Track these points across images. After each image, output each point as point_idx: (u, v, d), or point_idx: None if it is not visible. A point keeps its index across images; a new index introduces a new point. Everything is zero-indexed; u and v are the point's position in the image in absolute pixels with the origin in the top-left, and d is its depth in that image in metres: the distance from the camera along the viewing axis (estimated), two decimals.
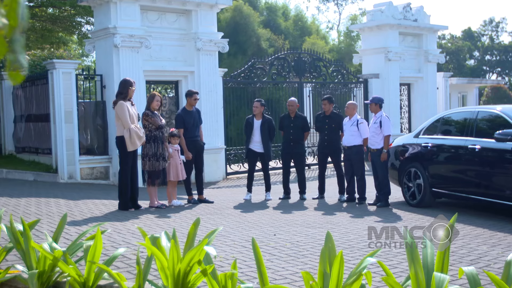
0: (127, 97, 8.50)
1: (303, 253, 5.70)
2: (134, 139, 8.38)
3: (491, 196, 7.83)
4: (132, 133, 8.34)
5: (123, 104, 8.38)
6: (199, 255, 3.56)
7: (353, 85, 17.89)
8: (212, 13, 13.79)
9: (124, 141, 8.38)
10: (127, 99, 8.52)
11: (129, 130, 8.33)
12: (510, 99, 29.46)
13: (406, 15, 18.28)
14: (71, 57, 24.59)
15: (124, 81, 8.67)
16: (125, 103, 8.41)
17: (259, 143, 10.37)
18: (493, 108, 8.54)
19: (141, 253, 5.16)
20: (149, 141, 8.84)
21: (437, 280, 2.85)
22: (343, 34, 42.53)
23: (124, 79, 8.85)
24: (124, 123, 8.36)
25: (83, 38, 20.11)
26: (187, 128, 9.64)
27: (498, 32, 57.48)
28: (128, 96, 8.52)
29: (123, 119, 8.34)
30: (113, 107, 8.67)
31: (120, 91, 8.56)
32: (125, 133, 8.35)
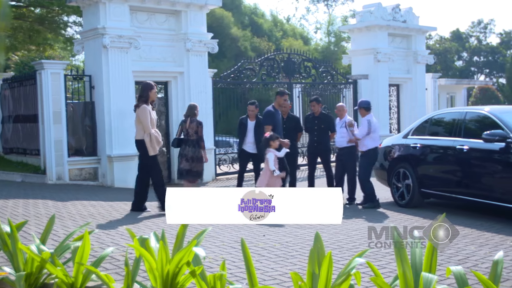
0: (148, 100, 8.40)
1: (292, 254, 5.71)
2: (154, 144, 8.34)
3: (479, 197, 7.88)
4: (152, 137, 8.30)
5: (146, 108, 8.30)
6: (188, 256, 3.56)
7: (343, 86, 17.93)
8: (202, 14, 13.76)
9: (144, 145, 8.32)
10: (149, 102, 8.42)
11: (150, 134, 8.27)
12: (498, 100, 29.68)
13: (395, 16, 18.35)
14: (60, 57, 24.46)
15: (145, 84, 8.58)
16: (148, 107, 8.34)
17: (252, 144, 10.39)
18: (481, 109, 8.60)
19: (130, 254, 5.15)
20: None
21: (425, 280, 2.86)
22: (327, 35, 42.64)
23: (145, 82, 8.78)
24: (145, 128, 8.28)
25: (71, 39, 20.00)
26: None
27: (486, 34, 57.91)
28: (149, 99, 8.42)
29: (145, 124, 8.26)
30: (134, 111, 8.60)
31: (140, 94, 8.48)
32: (146, 137, 8.28)
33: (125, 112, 12.33)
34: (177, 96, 13.52)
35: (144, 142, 8.31)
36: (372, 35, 17.88)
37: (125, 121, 12.32)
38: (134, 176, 12.36)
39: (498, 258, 3.17)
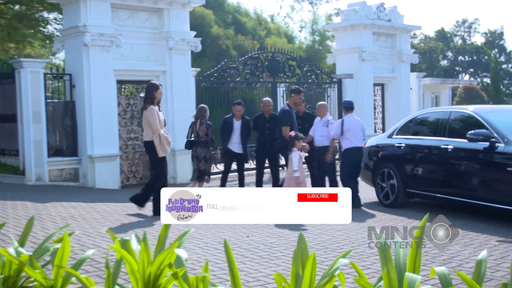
0: (154, 101, 8.34)
1: (276, 255, 5.71)
2: (164, 145, 8.27)
3: (464, 196, 7.94)
4: (162, 138, 8.23)
5: (154, 109, 8.24)
6: (170, 258, 3.54)
7: (327, 85, 17.99)
8: (185, 12, 13.73)
9: (153, 146, 8.25)
10: (155, 103, 8.36)
11: (159, 135, 8.21)
12: (482, 100, 29.97)
13: (380, 15, 18.45)
14: (39, 55, 24.23)
15: (150, 85, 8.51)
16: (155, 107, 8.29)
17: (238, 144, 10.41)
18: (465, 109, 8.68)
19: (111, 257, 5.11)
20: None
21: (408, 280, 2.88)
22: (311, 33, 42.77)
23: (150, 83, 8.71)
24: (154, 129, 8.21)
25: (51, 36, 19.83)
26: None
27: (471, 33, 58.47)
28: (156, 100, 8.35)
29: (153, 125, 8.20)
30: (140, 113, 8.53)
31: (146, 95, 8.41)
32: (155, 138, 8.21)
33: (107, 111, 12.26)
34: None
35: (153, 144, 8.24)
36: (357, 34, 17.96)
37: (106, 121, 12.26)
38: (115, 176, 12.40)
39: (481, 258, 3.20)
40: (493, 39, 56.60)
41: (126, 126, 13.15)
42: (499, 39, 56.68)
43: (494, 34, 56.96)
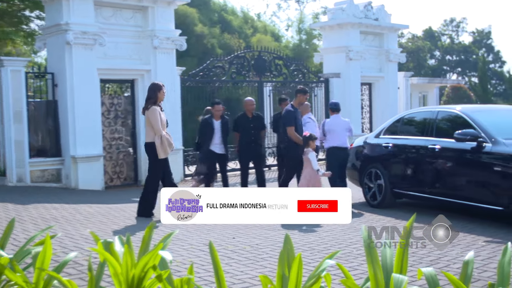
0: (157, 101, 8.28)
1: (263, 256, 5.72)
2: (166, 146, 8.20)
3: (451, 196, 8.00)
4: (163, 139, 8.16)
5: (156, 110, 8.18)
6: (154, 260, 3.52)
7: (314, 84, 18.02)
8: (170, 10, 13.69)
9: (154, 148, 8.18)
10: (158, 103, 8.31)
11: (161, 137, 8.14)
12: (470, 99, 30.19)
13: (367, 14, 18.52)
14: (21, 53, 24.02)
15: (153, 85, 8.45)
16: (157, 108, 8.24)
17: (220, 144, 10.38)
18: (453, 108, 8.74)
19: (94, 259, 5.09)
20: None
21: (395, 281, 2.90)
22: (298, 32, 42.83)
23: (153, 83, 8.66)
24: (155, 130, 8.16)
25: (33, 34, 19.68)
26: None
27: (459, 32, 58.93)
28: (158, 100, 8.30)
29: (155, 125, 8.14)
30: (142, 113, 8.47)
31: (149, 96, 8.34)
32: (156, 140, 8.14)
33: (90, 111, 12.20)
34: (144, 94, 13.23)
35: (153, 145, 8.17)
36: (344, 32, 18.02)
37: (89, 121, 12.19)
38: (99, 177, 12.33)
39: (468, 259, 3.22)
40: (480, 38, 57.07)
41: (109, 126, 13.09)
42: (486, 38, 57.18)
43: (482, 34, 57.45)
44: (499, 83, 52.91)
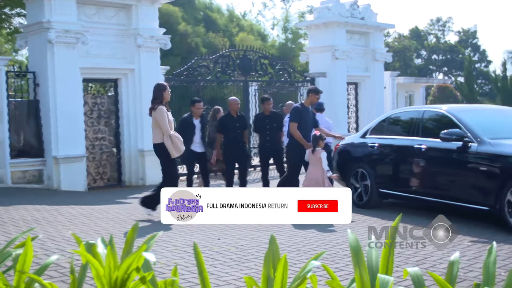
0: (163, 101, 8.26)
1: (248, 257, 5.72)
2: (177, 144, 8.19)
3: (437, 196, 8.06)
4: (173, 138, 8.16)
5: (163, 109, 8.17)
6: (137, 262, 3.51)
7: (300, 84, 18.06)
8: (154, 8, 13.64)
9: (165, 148, 8.16)
10: (164, 103, 8.29)
11: (170, 136, 8.14)
12: (456, 99, 30.41)
13: (353, 13, 18.59)
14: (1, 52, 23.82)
15: (158, 85, 8.45)
16: (164, 108, 8.23)
17: (199, 143, 10.35)
18: (439, 108, 8.80)
19: (77, 261, 5.05)
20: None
21: (381, 282, 2.91)
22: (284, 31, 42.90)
23: (158, 83, 8.66)
24: (163, 130, 8.14)
25: (14, 32, 19.51)
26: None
27: (445, 32, 59.40)
28: (164, 100, 8.29)
29: (163, 126, 8.12)
30: (149, 114, 8.43)
31: (154, 96, 8.31)
32: (166, 140, 8.13)
33: (72, 111, 12.11)
34: (127, 94, 13.36)
35: (163, 145, 8.16)
36: (330, 32, 18.07)
37: (72, 121, 12.11)
38: (82, 178, 12.25)
39: (454, 259, 3.25)
40: (466, 37, 57.57)
41: (92, 126, 13.01)
42: (472, 37, 57.68)
43: (468, 33, 57.95)
44: (485, 82, 53.38)
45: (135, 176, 13.41)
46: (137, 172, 13.40)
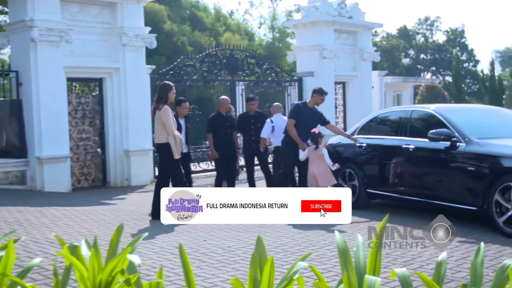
0: (167, 101, 8.28)
1: (235, 259, 5.71)
2: (179, 146, 8.23)
3: (425, 197, 8.10)
4: (177, 139, 8.18)
5: (168, 109, 8.18)
6: (122, 264, 3.49)
7: (288, 83, 18.08)
8: (139, 7, 13.60)
9: (169, 148, 8.16)
10: (168, 103, 8.30)
11: (174, 137, 8.15)
12: (444, 98, 30.64)
13: (341, 11, 18.64)
14: None
15: (163, 85, 8.45)
16: (169, 108, 8.25)
17: (184, 143, 10.29)
18: (427, 108, 8.85)
19: (60, 263, 5.02)
20: None
21: (368, 283, 2.91)
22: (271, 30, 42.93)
23: (163, 83, 8.66)
24: (168, 130, 8.15)
25: None
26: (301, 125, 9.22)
27: (433, 31, 59.77)
28: (169, 100, 8.31)
29: (168, 125, 8.13)
30: (152, 113, 8.43)
31: (159, 95, 8.31)
32: (171, 140, 8.14)
33: (56, 110, 12.05)
34: (112, 93, 13.31)
35: (168, 145, 8.15)
36: (318, 31, 18.10)
37: (56, 121, 12.04)
38: (66, 179, 12.18)
39: (441, 259, 3.26)
40: (454, 37, 57.97)
41: (77, 126, 12.95)
42: (460, 37, 58.08)
43: (456, 32, 58.35)
44: (473, 82, 53.83)
45: (120, 176, 13.36)
46: (122, 172, 13.36)
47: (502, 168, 6.98)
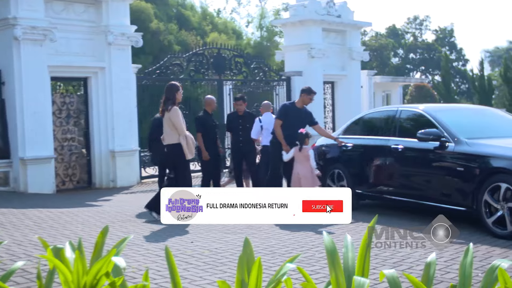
0: (175, 102, 8.29)
1: (222, 261, 5.70)
2: (191, 146, 8.23)
3: (414, 197, 8.12)
4: (189, 140, 8.18)
5: (177, 110, 8.22)
6: (107, 267, 3.47)
7: (276, 83, 18.10)
8: (125, 5, 13.55)
9: (180, 149, 8.16)
10: (176, 104, 8.31)
11: (186, 137, 8.15)
12: (433, 98, 30.79)
13: (330, 10, 18.67)
14: None
15: (170, 85, 8.44)
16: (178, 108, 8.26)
17: None
18: (416, 108, 8.88)
19: (44, 266, 4.99)
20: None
21: (357, 284, 2.92)
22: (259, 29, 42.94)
23: (170, 83, 8.63)
24: (179, 130, 8.15)
25: None
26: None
27: (422, 30, 60.07)
28: (177, 101, 8.32)
29: (179, 126, 8.14)
30: (161, 115, 8.42)
31: (167, 96, 8.31)
32: (182, 140, 8.14)
33: (40, 110, 11.98)
34: (97, 93, 13.25)
35: (179, 146, 8.16)
36: (306, 30, 18.13)
37: (39, 121, 11.97)
38: (50, 180, 12.10)
39: (430, 260, 3.28)
40: (443, 36, 58.30)
41: (61, 126, 12.88)
42: (449, 36, 58.43)
43: (445, 32, 58.68)
44: (462, 81, 54.17)
45: (106, 178, 13.30)
46: (107, 173, 13.30)
47: (491, 168, 7.03)
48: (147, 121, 15.62)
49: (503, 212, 6.74)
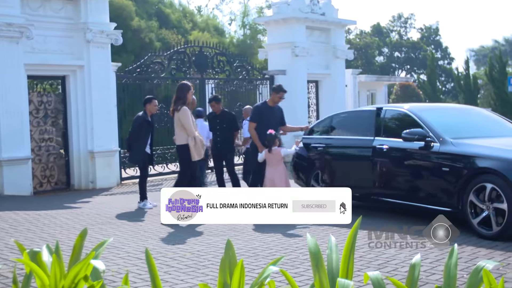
0: (186, 102, 8.32)
1: (204, 264, 5.70)
2: (199, 147, 8.25)
3: (399, 198, 8.16)
4: (197, 141, 8.21)
5: (187, 110, 8.25)
6: (86, 270, 3.46)
7: (259, 82, 18.11)
8: (104, 1, 13.47)
9: (188, 150, 8.19)
10: (186, 104, 8.33)
11: (194, 138, 8.18)
12: (418, 97, 30.97)
13: (314, 8, 18.73)
14: None
15: (182, 85, 8.49)
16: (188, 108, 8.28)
17: (149, 144, 10.16)
18: (401, 107, 8.93)
19: (21, 270, 4.95)
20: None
21: (340, 286, 2.93)
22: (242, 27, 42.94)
23: (182, 83, 8.67)
24: (188, 131, 8.20)
25: None
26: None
27: (407, 28, 60.41)
28: (187, 101, 8.36)
29: (188, 126, 8.18)
30: (171, 114, 8.46)
31: (178, 96, 8.36)
32: (190, 141, 8.18)
33: (16, 110, 11.86)
34: (76, 92, 13.16)
35: (187, 147, 8.20)
36: (289, 28, 18.16)
37: (16, 120, 11.85)
38: (27, 182, 11.98)
39: (415, 262, 3.30)
40: (428, 34, 58.70)
41: (39, 126, 12.77)
42: (434, 34, 58.85)
43: (430, 30, 59.09)
44: (447, 80, 54.57)
45: (85, 179, 13.22)
46: (86, 174, 13.22)
47: (477, 168, 7.08)
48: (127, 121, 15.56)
49: (488, 212, 6.80)
